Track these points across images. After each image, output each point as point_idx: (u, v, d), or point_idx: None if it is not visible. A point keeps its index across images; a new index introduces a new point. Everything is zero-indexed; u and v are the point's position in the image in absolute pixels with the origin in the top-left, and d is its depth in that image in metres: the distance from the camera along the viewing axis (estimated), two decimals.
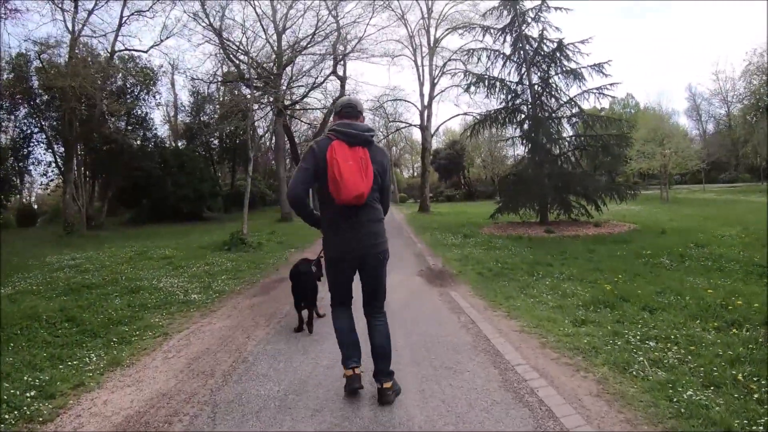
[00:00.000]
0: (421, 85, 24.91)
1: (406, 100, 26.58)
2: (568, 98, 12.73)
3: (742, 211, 14.40)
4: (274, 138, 25.73)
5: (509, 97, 13.30)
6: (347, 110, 2.53)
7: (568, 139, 12.82)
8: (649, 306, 4.23)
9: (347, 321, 2.63)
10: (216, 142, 31.86)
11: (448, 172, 45.34)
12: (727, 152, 31.47)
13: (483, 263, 7.19)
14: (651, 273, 5.96)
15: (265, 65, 21.35)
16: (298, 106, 25.02)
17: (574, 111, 12.86)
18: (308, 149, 2.47)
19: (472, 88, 13.64)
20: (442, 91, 24.99)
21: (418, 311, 4.60)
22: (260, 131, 34.15)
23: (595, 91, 12.59)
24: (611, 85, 12.45)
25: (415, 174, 54.31)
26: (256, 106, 25.09)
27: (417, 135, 41.31)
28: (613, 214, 13.94)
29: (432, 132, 25.96)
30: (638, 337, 3.38)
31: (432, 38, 23.84)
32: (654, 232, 10.05)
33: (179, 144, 29.62)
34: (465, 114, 25.13)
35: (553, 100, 13.06)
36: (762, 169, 32.35)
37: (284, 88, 21.80)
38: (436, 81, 24.33)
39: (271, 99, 21.40)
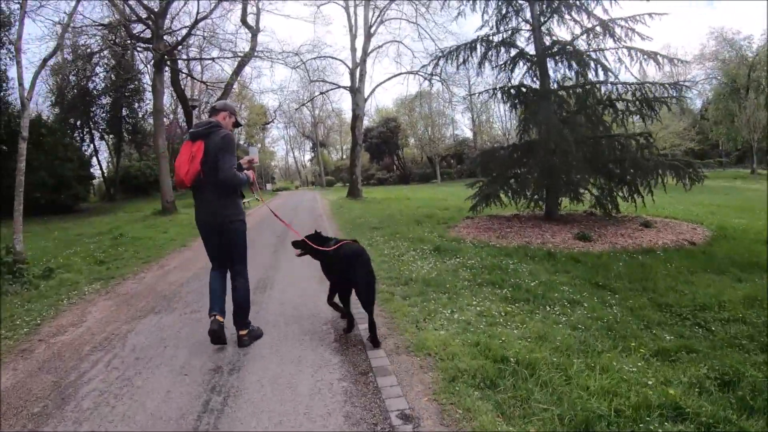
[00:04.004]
0: (354, 37, 19.65)
1: (333, 57, 20.94)
2: (598, 22, 7.80)
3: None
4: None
5: (499, 15, 8.16)
6: (209, 111, 3.18)
7: (596, 87, 7.85)
8: None
9: (217, 280, 3.11)
10: (99, 112, 24.85)
11: (380, 153, 39.64)
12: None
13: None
14: None
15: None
16: (186, 56, 18.02)
17: (598, 44, 7.98)
18: None
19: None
20: (380, 47, 19.93)
21: None
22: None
23: (623, 22, 7.74)
24: (651, 15, 7.53)
25: (344, 156, 47.20)
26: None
27: (347, 107, 35.23)
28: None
29: (365, 96, 20.46)
30: None
31: None
32: (749, 240, 5.60)
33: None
34: (408, 73, 19.71)
35: (569, 25, 8.11)
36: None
37: (168, 36, 15.12)
38: (372, 32, 19.14)
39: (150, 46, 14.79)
